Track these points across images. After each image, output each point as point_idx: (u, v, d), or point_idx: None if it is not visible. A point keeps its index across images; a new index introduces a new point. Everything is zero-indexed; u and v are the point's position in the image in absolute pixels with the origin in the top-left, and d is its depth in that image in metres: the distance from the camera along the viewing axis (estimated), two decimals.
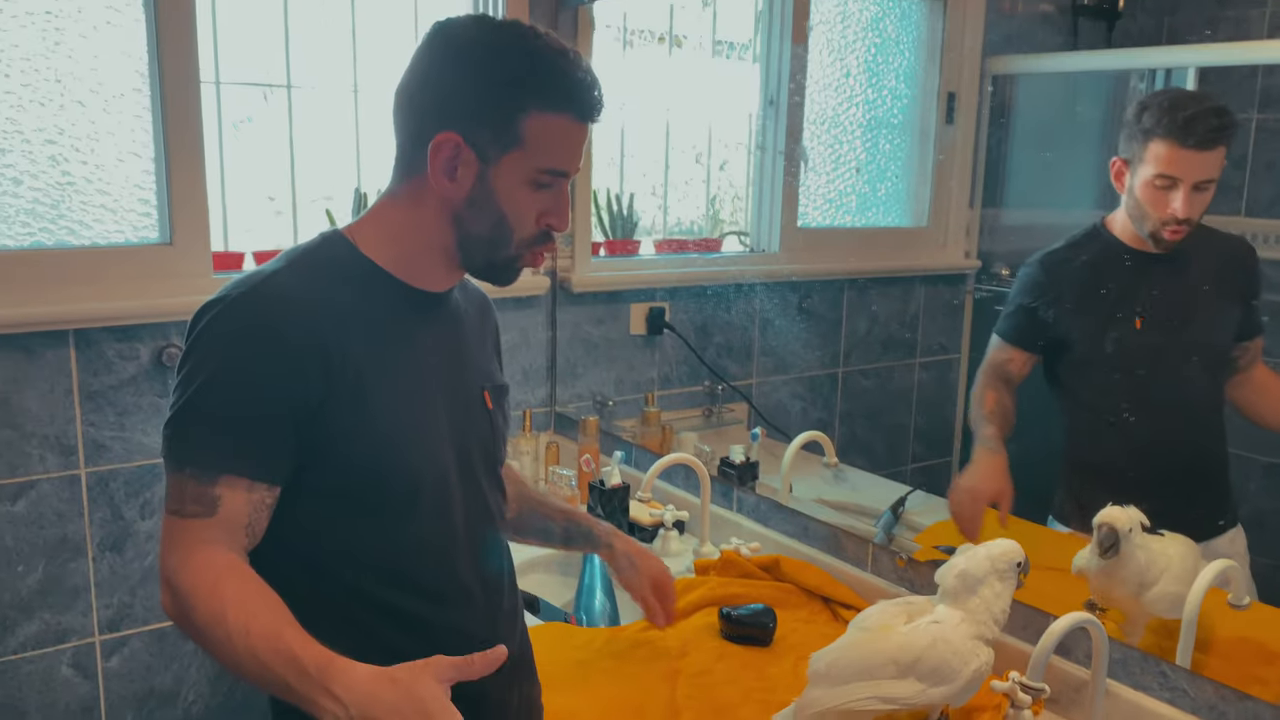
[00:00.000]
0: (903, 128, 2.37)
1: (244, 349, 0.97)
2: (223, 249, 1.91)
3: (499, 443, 1.20)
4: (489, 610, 1.14)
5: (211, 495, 0.96)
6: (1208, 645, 1.30)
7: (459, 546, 1.11)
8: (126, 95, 1.73)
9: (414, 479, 1.05)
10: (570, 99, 1.03)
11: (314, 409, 0.98)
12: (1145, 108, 1.49)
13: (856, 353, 2.37)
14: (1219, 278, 1.55)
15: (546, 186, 1.05)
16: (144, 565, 1.84)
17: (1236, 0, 1.71)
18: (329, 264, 1.05)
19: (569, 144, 1.05)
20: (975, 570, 1.22)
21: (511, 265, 1.09)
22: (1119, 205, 1.55)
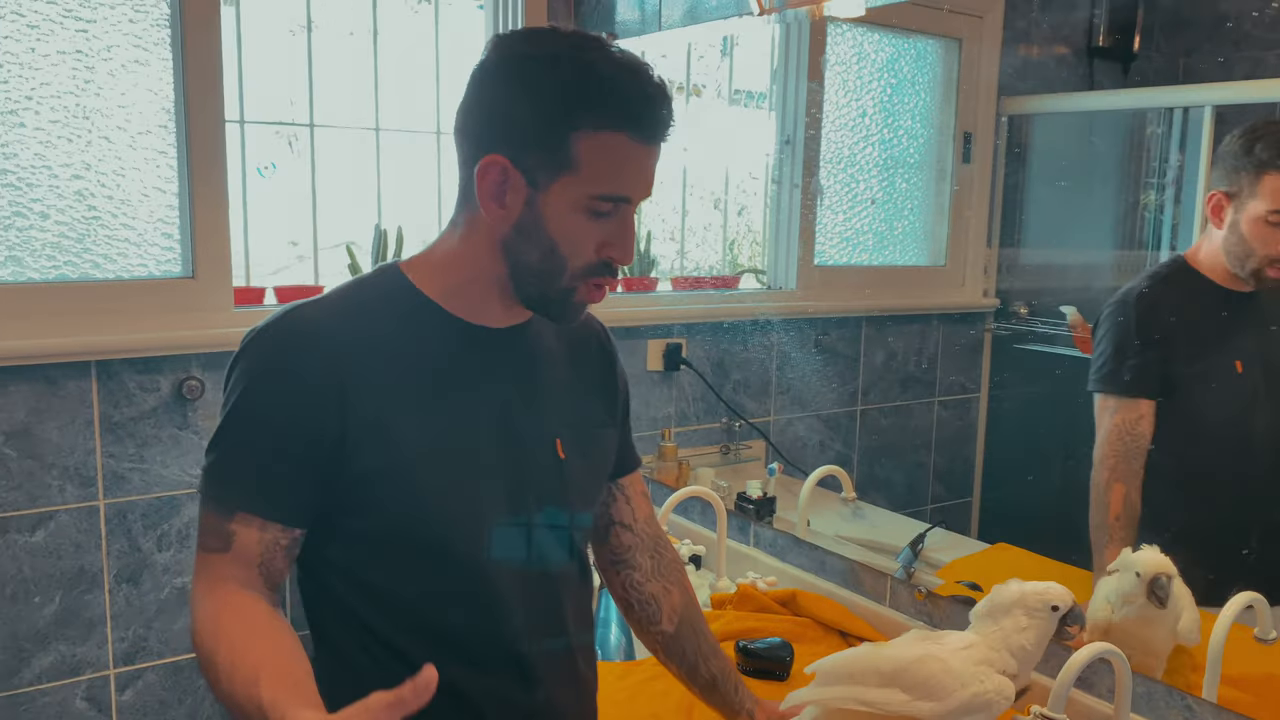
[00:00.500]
0: (919, 167, 2.38)
1: (262, 384, 0.95)
2: (245, 284, 1.94)
3: (572, 496, 1.08)
4: (544, 683, 1.05)
5: (227, 531, 0.95)
6: (1234, 681, 1.27)
7: (504, 607, 1.02)
8: (152, 132, 1.77)
9: (441, 529, 0.98)
10: (626, 115, 0.94)
11: (332, 447, 0.94)
12: (1257, 139, 1.41)
13: (875, 390, 2.36)
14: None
15: (605, 215, 0.96)
16: (160, 598, 1.85)
17: (1252, 41, 1.72)
18: (377, 296, 1.01)
19: (627, 166, 0.95)
20: (1002, 600, 1.18)
21: (567, 299, 1.00)
22: (1195, 241, 1.49)
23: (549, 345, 1.10)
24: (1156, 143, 1.95)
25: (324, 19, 2.07)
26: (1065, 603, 1.15)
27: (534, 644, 1.05)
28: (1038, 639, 1.15)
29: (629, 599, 1.23)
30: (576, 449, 1.08)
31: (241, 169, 1.93)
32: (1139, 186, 1.98)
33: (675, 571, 1.24)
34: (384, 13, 2.08)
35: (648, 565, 1.22)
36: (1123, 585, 1.34)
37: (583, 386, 1.13)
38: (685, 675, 1.24)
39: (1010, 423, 2.24)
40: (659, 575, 1.23)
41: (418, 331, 1.00)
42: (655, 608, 1.22)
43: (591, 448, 1.11)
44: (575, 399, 1.11)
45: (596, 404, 1.14)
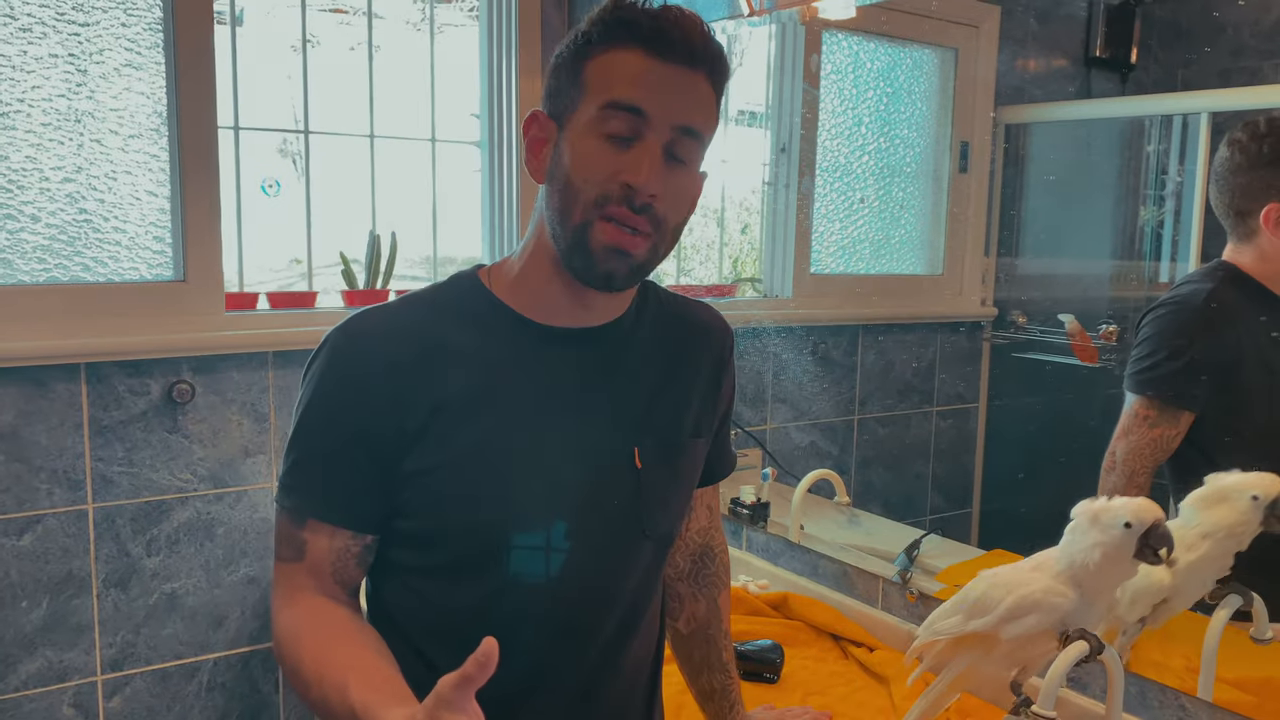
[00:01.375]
0: (916, 176, 2.38)
1: (326, 389, 0.94)
2: (238, 289, 1.94)
3: (648, 508, 1.02)
4: (593, 701, 1.03)
5: (300, 539, 0.95)
6: (1234, 682, 1.25)
7: (556, 623, 0.98)
8: (145, 135, 1.77)
9: (494, 539, 0.95)
10: (634, 31, 0.90)
11: (392, 453, 0.93)
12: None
13: (872, 399, 2.34)
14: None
15: (622, 139, 0.90)
16: (148, 603, 1.83)
17: (1250, 51, 1.71)
18: (447, 299, 0.99)
19: (639, 78, 0.90)
20: (1077, 515, 1.11)
21: (584, 239, 0.91)
22: (1231, 245, 1.41)
23: (642, 348, 1.04)
24: (1154, 151, 1.94)
25: (327, 35, 2.09)
26: (1142, 520, 1.04)
27: (590, 669, 1.02)
28: (1106, 558, 1.06)
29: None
30: (658, 459, 1.03)
31: (236, 175, 1.94)
32: (1136, 195, 1.97)
33: (711, 586, 1.22)
34: (388, 29, 2.09)
35: (684, 566, 1.21)
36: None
37: (680, 392, 1.07)
38: (687, 675, 1.25)
39: (1009, 432, 2.22)
40: (693, 581, 1.21)
41: (484, 333, 0.97)
42: (677, 605, 1.22)
43: (678, 458, 1.06)
44: (667, 405, 1.05)
45: (693, 412, 1.08)
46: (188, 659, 1.88)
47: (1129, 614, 1.23)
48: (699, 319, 1.10)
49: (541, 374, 0.98)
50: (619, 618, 1.02)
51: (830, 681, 1.47)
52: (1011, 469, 2.16)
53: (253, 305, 1.94)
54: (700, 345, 1.09)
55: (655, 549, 1.05)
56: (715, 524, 1.23)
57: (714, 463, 1.16)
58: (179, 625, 1.86)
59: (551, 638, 0.98)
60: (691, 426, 1.07)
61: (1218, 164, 1.44)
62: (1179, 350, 1.42)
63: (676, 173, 0.93)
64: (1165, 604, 1.23)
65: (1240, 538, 1.19)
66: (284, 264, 2.13)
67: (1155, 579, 1.19)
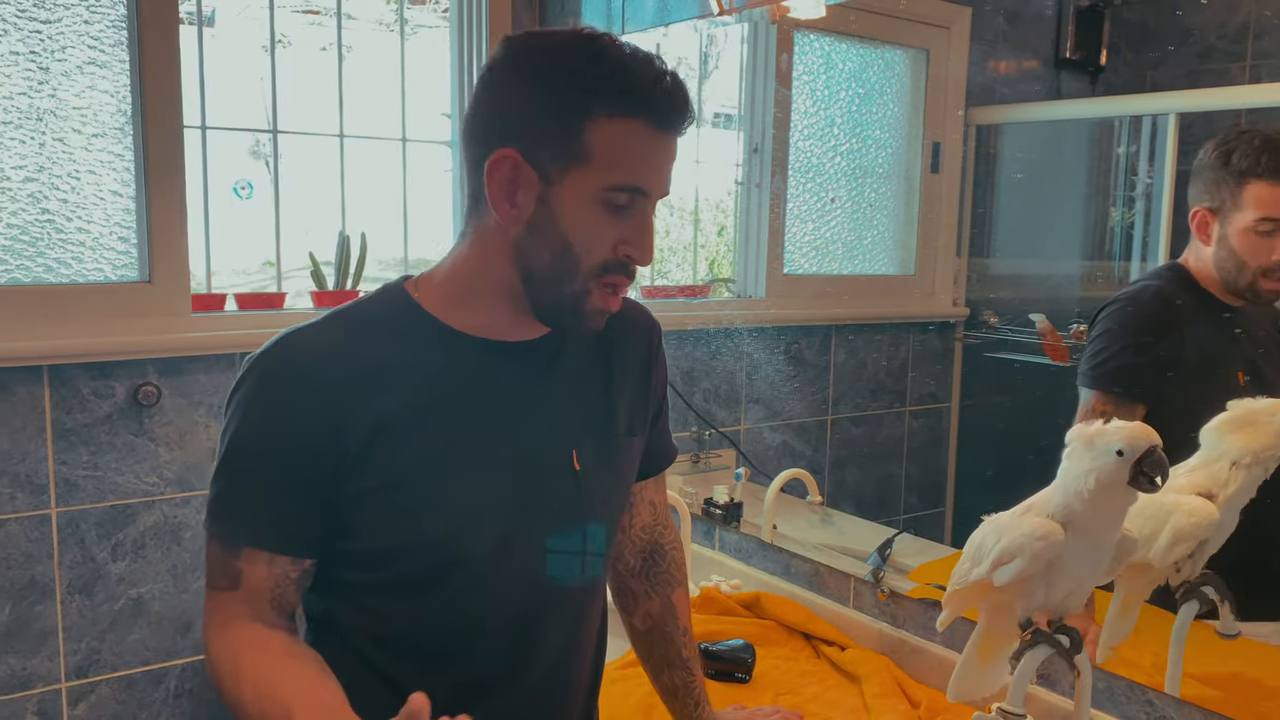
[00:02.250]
0: (888, 176, 2.38)
1: (256, 414, 0.93)
2: (206, 291, 1.92)
3: (589, 509, 1.03)
4: (540, 701, 1.03)
5: (235, 568, 0.93)
6: (1202, 678, 1.25)
7: (504, 629, 0.99)
8: (109, 134, 1.75)
9: (442, 553, 0.95)
10: (643, 101, 0.89)
11: (329, 474, 0.92)
12: (1232, 149, 1.37)
13: (845, 399, 2.35)
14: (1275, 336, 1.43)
15: (623, 209, 0.91)
16: (114, 609, 1.81)
17: (1216, 54, 1.73)
18: (376, 315, 0.99)
19: (644, 156, 0.90)
20: (1071, 439, 1.07)
21: (581, 304, 0.94)
22: (1188, 247, 1.43)
23: (574, 354, 1.05)
24: (1123, 152, 1.95)
25: (299, 36, 2.07)
26: (1135, 447, 1.01)
27: (542, 664, 1.02)
28: (1100, 485, 1.04)
29: (612, 584, 1.23)
30: (596, 460, 1.04)
31: (203, 175, 1.91)
32: (1106, 196, 1.99)
33: (664, 583, 1.22)
34: (359, 30, 2.08)
35: (634, 564, 1.22)
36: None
37: (612, 392, 1.08)
38: (649, 673, 1.25)
39: (982, 431, 2.23)
40: (644, 578, 1.22)
41: (417, 349, 0.96)
42: (632, 601, 1.22)
43: (615, 458, 1.07)
44: (601, 406, 1.06)
45: (626, 410, 1.09)
46: (154, 665, 1.86)
47: (1168, 556, 1.19)
48: (624, 315, 1.10)
49: (478, 387, 0.98)
50: (567, 618, 1.04)
51: (802, 681, 1.47)
52: (984, 468, 2.17)
53: (220, 307, 1.92)
54: (628, 342, 1.10)
55: (598, 551, 1.06)
56: (662, 520, 1.23)
57: (653, 455, 1.17)
58: (145, 631, 1.84)
59: (500, 643, 0.98)
60: (626, 425, 1.08)
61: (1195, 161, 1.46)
62: (1130, 345, 1.45)
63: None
64: (1203, 545, 1.21)
65: (1267, 464, 1.18)
66: (257, 267, 2.11)
67: (1203, 515, 1.17)
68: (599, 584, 1.09)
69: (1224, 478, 1.19)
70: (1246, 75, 1.68)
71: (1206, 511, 1.18)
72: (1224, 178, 1.36)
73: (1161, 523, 1.19)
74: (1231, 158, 1.36)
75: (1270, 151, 1.34)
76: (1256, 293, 1.35)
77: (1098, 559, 1.08)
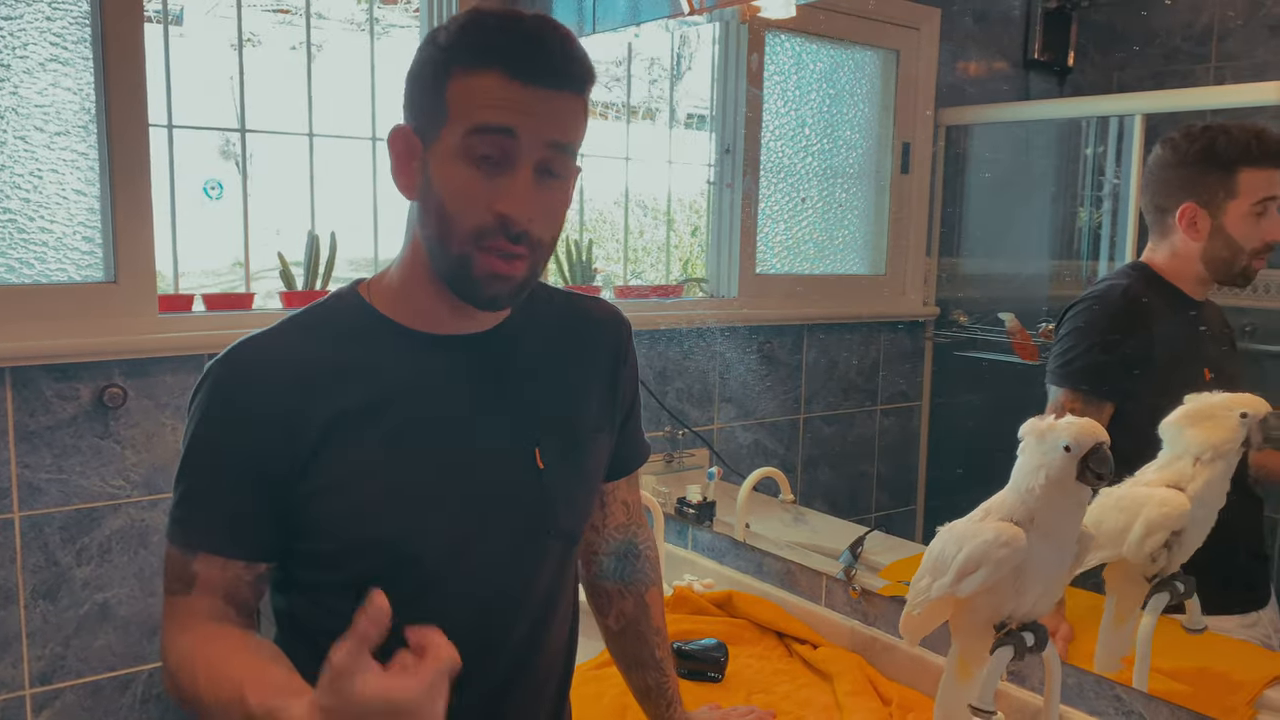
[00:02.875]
0: (859, 177, 2.39)
1: (211, 420, 0.93)
2: (174, 291, 1.90)
3: (553, 508, 1.02)
4: (507, 700, 1.03)
5: (190, 572, 0.93)
6: (1169, 673, 1.27)
7: (470, 628, 0.96)
8: (72, 132, 1.72)
9: (396, 553, 0.94)
10: (494, 52, 0.88)
11: (284, 478, 0.92)
12: (1213, 140, 1.39)
13: (817, 398, 2.35)
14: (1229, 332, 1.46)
15: (492, 163, 0.89)
16: (79, 614, 1.78)
17: (1181, 55, 1.75)
18: (328, 317, 0.99)
19: (502, 102, 0.88)
20: (1024, 433, 1.07)
21: (465, 269, 0.91)
22: (1150, 244, 1.45)
23: (535, 347, 1.04)
24: (1090, 152, 1.97)
25: (269, 35, 2.05)
26: (1081, 443, 1.01)
27: (507, 664, 1.01)
28: (1050, 481, 1.04)
29: (586, 584, 1.23)
30: (561, 457, 1.03)
31: (170, 174, 1.89)
32: (1074, 195, 2.01)
33: (638, 583, 1.22)
34: (330, 29, 2.06)
35: (608, 564, 1.22)
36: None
37: (578, 389, 1.07)
38: (623, 673, 1.25)
39: (952, 429, 2.24)
40: (618, 578, 1.22)
41: (370, 348, 0.96)
42: (606, 602, 1.22)
43: (580, 455, 1.06)
44: (565, 403, 1.05)
45: (592, 408, 1.08)
46: (121, 670, 1.83)
47: (1142, 547, 1.20)
48: (592, 314, 1.10)
49: (433, 383, 0.97)
50: (530, 618, 1.03)
51: (774, 679, 1.47)
52: (954, 465, 2.18)
53: (188, 307, 1.89)
54: (595, 340, 1.10)
55: (563, 547, 1.05)
56: (636, 520, 1.23)
57: (624, 455, 1.17)
58: (111, 636, 1.81)
59: (466, 643, 0.97)
60: (593, 422, 1.08)
61: (1150, 161, 1.48)
62: (1098, 343, 1.47)
63: (549, 189, 0.93)
64: (1179, 539, 1.22)
65: (1229, 459, 1.20)
66: (227, 267, 2.09)
67: (1173, 505, 1.18)
68: (566, 583, 1.09)
69: (1189, 473, 1.20)
70: (1211, 77, 1.70)
71: (1177, 502, 1.20)
72: (1211, 168, 1.37)
73: (1134, 515, 1.21)
74: (1216, 147, 1.38)
75: (1257, 138, 1.37)
76: (1248, 276, 1.37)
77: (1063, 558, 1.08)
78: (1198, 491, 1.19)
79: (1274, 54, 1.61)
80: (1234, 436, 1.19)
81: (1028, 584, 1.07)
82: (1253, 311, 1.51)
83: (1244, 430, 1.18)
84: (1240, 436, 1.19)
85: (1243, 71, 1.66)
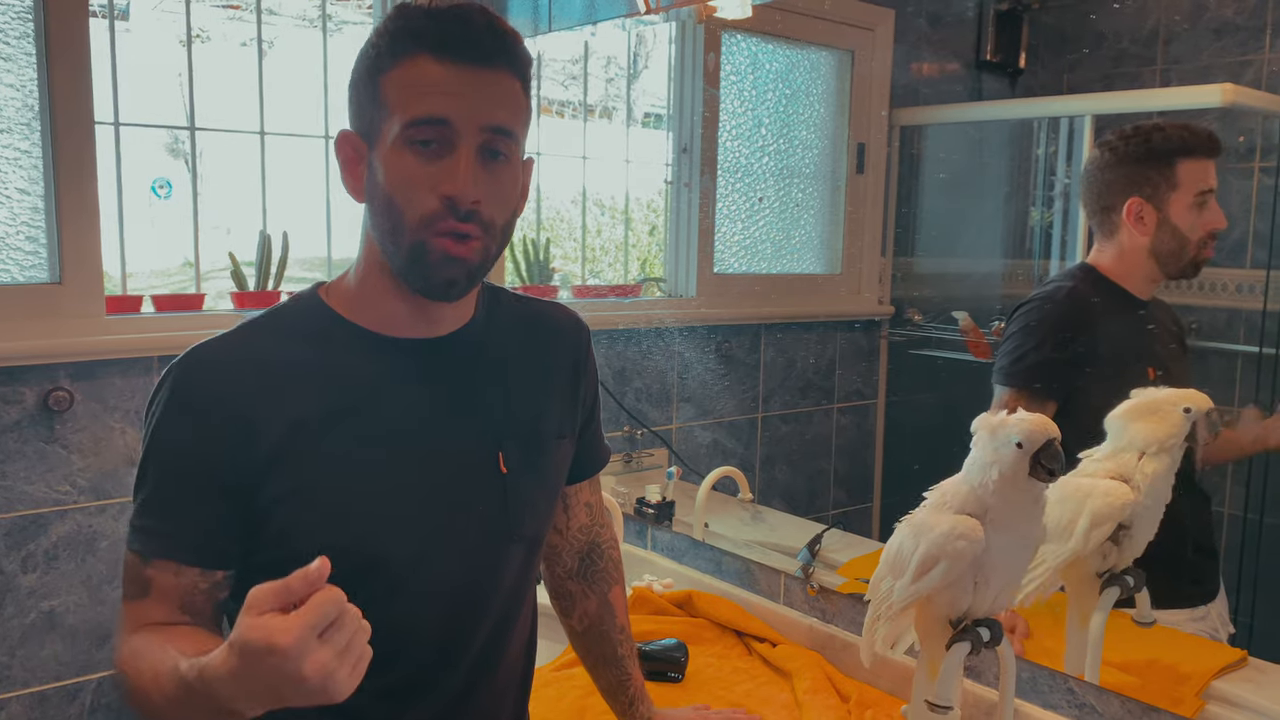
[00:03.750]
0: (815, 177, 2.41)
1: (168, 425, 0.92)
2: (122, 293, 1.86)
3: (516, 512, 1.02)
4: (469, 702, 1.02)
5: (145, 577, 0.91)
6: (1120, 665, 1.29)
7: (432, 633, 0.98)
8: (14, 130, 1.68)
9: (357, 559, 0.91)
10: (418, 36, 0.89)
11: (244, 484, 0.91)
12: (1149, 136, 1.42)
13: (774, 397, 2.37)
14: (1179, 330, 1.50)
15: (431, 148, 0.89)
16: (25, 623, 1.74)
17: (1129, 58, 1.78)
18: (288, 321, 0.98)
19: (433, 85, 0.89)
20: (977, 428, 1.07)
21: (420, 257, 0.91)
22: (1095, 246, 1.47)
23: (497, 352, 1.04)
24: (1042, 153, 2.00)
25: (219, 31, 2.01)
26: (1032, 440, 1.01)
27: (468, 669, 1.01)
28: (1003, 478, 1.04)
29: (550, 586, 1.23)
30: (523, 462, 1.03)
31: (116, 173, 1.85)
32: (1026, 195, 2.04)
33: (601, 582, 1.22)
34: (282, 26, 2.03)
35: (572, 565, 1.22)
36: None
37: (540, 394, 1.07)
38: (589, 672, 1.26)
39: (907, 427, 2.27)
40: (582, 579, 1.22)
41: (331, 352, 0.96)
42: (570, 603, 1.22)
43: (543, 460, 1.05)
44: (528, 408, 1.05)
45: (554, 412, 1.08)
46: (68, 680, 1.79)
47: (1089, 540, 1.22)
48: (552, 319, 1.11)
49: (395, 387, 0.97)
50: (493, 621, 1.03)
51: (734, 678, 1.47)
52: (910, 463, 2.21)
53: (136, 308, 1.86)
54: (556, 345, 1.10)
55: (525, 552, 1.05)
56: (599, 520, 1.24)
57: (586, 459, 1.17)
58: (59, 645, 1.77)
59: (428, 647, 0.97)
60: (555, 427, 1.08)
61: (1088, 165, 1.51)
62: (1042, 344, 1.49)
63: (496, 171, 0.93)
64: (1129, 533, 1.23)
65: (1174, 453, 1.22)
66: (176, 267, 2.05)
67: (1117, 495, 1.19)
68: (527, 587, 1.08)
69: (1134, 466, 1.22)
70: (1158, 79, 1.74)
71: (1120, 492, 1.22)
72: (1151, 164, 1.41)
73: (1080, 506, 1.22)
74: (1152, 141, 1.42)
75: (1188, 129, 1.41)
76: (1196, 265, 1.41)
77: (1022, 553, 1.09)
78: (1143, 485, 1.21)
79: (1217, 57, 1.64)
80: (1178, 431, 1.22)
81: (988, 578, 1.08)
82: (1197, 309, 1.54)
83: (1188, 425, 1.20)
84: (1184, 431, 1.21)
85: (1188, 74, 1.69)
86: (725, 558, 1.73)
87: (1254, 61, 1.60)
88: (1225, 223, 1.38)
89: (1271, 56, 1.57)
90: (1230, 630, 1.40)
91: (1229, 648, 1.35)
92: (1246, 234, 1.49)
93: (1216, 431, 1.20)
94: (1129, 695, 1.21)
